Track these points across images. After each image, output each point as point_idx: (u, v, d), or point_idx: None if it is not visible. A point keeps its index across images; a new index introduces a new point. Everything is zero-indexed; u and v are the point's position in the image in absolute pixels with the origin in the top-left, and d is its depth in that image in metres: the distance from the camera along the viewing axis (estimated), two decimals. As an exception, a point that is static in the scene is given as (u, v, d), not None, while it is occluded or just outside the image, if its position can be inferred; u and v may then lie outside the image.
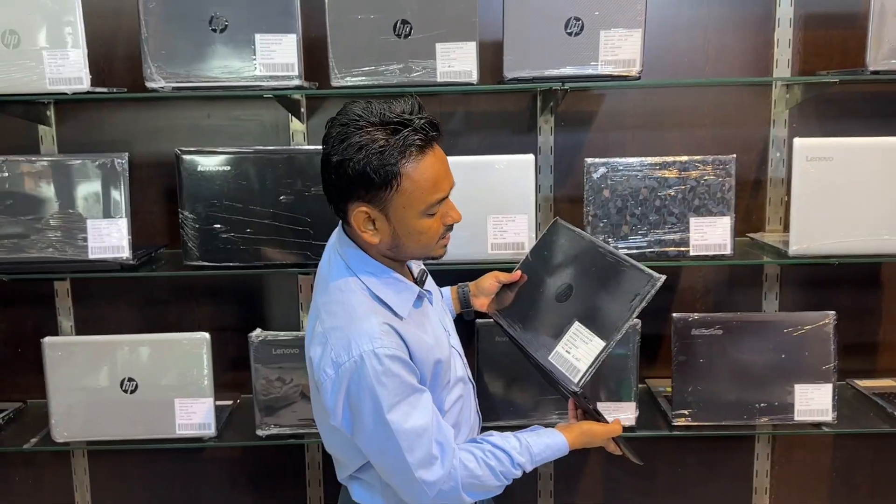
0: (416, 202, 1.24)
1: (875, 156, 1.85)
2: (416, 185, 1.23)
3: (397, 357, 1.23)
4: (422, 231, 1.28)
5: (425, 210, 1.25)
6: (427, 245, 1.31)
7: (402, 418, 1.23)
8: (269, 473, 2.33)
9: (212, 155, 1.87)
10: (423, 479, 1.26)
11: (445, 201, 1.29)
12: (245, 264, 1.91)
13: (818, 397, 1.97)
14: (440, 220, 1.30)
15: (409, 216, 1.25)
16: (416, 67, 1.82)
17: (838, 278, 2.22)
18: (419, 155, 1.22)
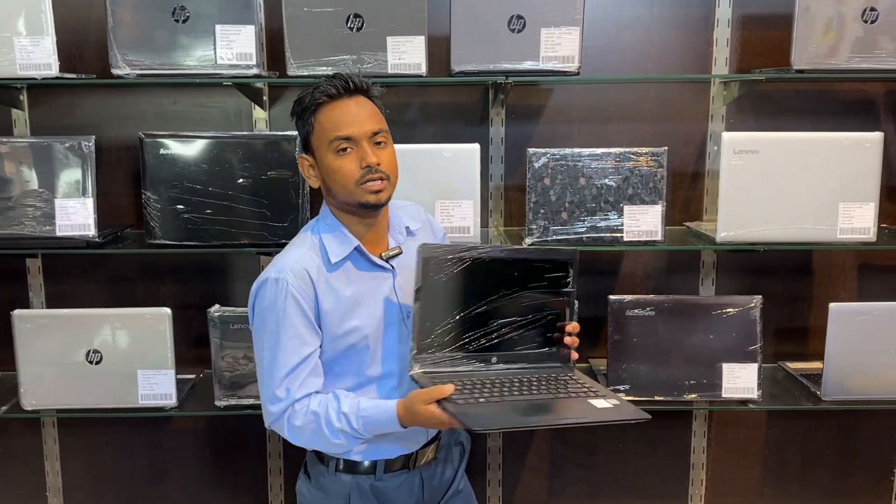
0: (324, 139, 1.47)
1: (798, 150, 1.98)
2: (322, 126, 1.47)
3: (293, 295, 1.45)
4: (335, 169, 1.47)
5: (332, 147, 1.46)
6: (346, 186, 1.47)
7: (272, 351, 1.47)
8: (232, 445, 2.44)
9: (174, 139, 1.98)
10: (267, 409, 1.50)
11: (363, 146, 1.46)
12: (205, 243, 2.02)
13: (744, 376, 2.10)
14: (356, 161, 1.46)
15: (323, 155, 1.48)
16: (368, 59, 1.93)
17: (772, 266, 2.35)
18: (330, 102, 1.47)
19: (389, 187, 1.51)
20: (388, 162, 1.50)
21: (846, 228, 2.00)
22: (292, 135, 1.97)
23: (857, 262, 2.37)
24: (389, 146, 1.53)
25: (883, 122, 2.29)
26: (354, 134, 1.47)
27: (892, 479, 2.49)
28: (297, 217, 2.01)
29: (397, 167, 1.54)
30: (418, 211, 1.73)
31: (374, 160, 1.46)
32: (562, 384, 1.54)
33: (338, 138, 1.46)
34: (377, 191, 1.48)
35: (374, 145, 1.49)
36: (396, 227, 1.62)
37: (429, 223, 1.73)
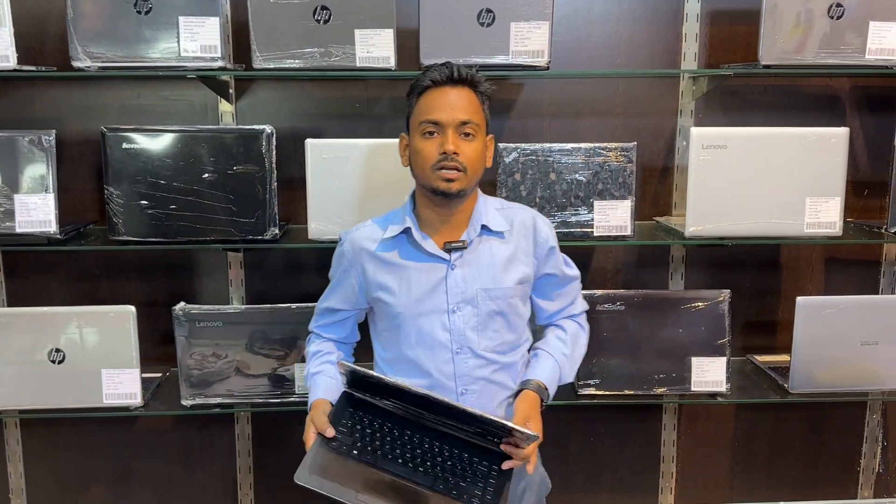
0: (416, 120, 1.53)
1: (766, 145, 1.99)
2: (419, 108, 1.53)
3: (343, 261, 1.64)
4: (418, 150, 1.52)
5: (420, 129, 1.51)
6: (423, 168, 1.52)
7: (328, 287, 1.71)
8: (200, 444, 2.41)
9: (137, 133, 1.94)
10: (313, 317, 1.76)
11: (447, 133, 1.49)
12: (169, 240, 1.98)
13: (713, 369, 2.12)
14: (437, 146, 1.49)
15: (413, 135, 1.55)
16: (335, 52, 1.91)
17: (740, 260, 2.37)
18: (434, 88, 1.52)
19: (465, 179, 1.51)
20: (469, 154, 1.51)
21: (812, 223, 2.02)
22: (259, 129, 1.94)
23: (823, 255, 2.39)
24: (478, 141, 1.53)
25: (849, 117, 2.31)
26: (442, 119, 1.49)
27: (857, 469, 2.52)
28: (265, 213, 1.98)
29: (481, 163, 1.55)
30: (520, 214, 1.65)
31: (452, 148, 1.48)
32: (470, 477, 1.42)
33: (426, 121, 1.51)
34: (449, 179, 1.50)
35: (460, 135, 1.50)
36: (474, 223, 1.59)
37: (532, 228, 1.64)
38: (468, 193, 1.56)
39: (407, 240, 1.59)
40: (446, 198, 1.52)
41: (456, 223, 1.58)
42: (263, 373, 2.07)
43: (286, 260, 2.33)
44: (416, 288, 1.57)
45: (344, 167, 1.97)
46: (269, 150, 1.95)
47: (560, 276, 1.70)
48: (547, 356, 1.66)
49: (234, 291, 2.32)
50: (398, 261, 1.58)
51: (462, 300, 1.56)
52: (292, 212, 2.26)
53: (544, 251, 1.65)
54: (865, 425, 2.50)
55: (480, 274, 1.57)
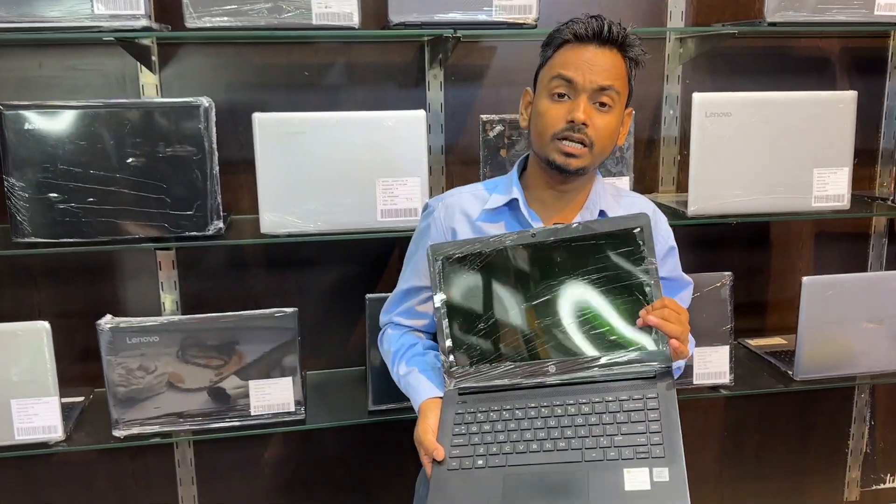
0: (547, 75, 1.29)
1: (773, 111, 1.80)
2: (553, 62, 1.29)
3: (432, 229, 1.39)
4: (541, 113, 1.29)
5: (550, 86, 1.27)
6: (542, 135, 1.28)
7: (404, 268, 1.47)
8: (134, 474, 2.07)
9: (42, 110, 1.57)
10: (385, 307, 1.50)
11: (580, 98, 1.25)
12: (88, 240, 1.63)
13: (716, 360, 1.94)
14: (565, 112, 1.25)
15: (540, 92, 1.30)
16: (287, 7, 1.59)
17: (731, 238, 2.20)
18: (575, 43, 1.27)
19: (589, 157, 1.27)
20: (601, 128, 1.26)
21: (821, 196, 1.85)
22: (195, 102, 1.61)
23: (813, 231, 2.25)
24: (614, 114, 1.28)
25: (838, 80, 2.16)
26: (577, 79, 1.25)
27: (846, 450, 2.42)
28: (206, 203, 1.65)
29: (612, 140, 1.30)
30: (638, 204, 1.41)
31: (582, 117, 1.24)
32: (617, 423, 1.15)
33: (559, 76, 1.26)
34: (570, 154, 1.26)
35: (595, 104, 1.26)
36: (591, 206, 1.36)
37: (653, 222, 1.29)
38: (589, 172, 1.31)
39: (510, 213, 1.36)
40: (562, 174, 1.29)
41: (569, 203, 1.36)
42: (206, 388, 1.74)
43: (228, 258, 2.00)
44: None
45: (300, 146, 1.66)
46: (209, 126, 1.62)
47: (677, 280, 1.48)
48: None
49: (166, 296, 1.98)
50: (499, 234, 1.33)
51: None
52: (231, 201, 1.93)
53: (663, 250, 1.41)
54: (854, 406, 2.39)
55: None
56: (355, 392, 1.94)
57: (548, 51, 1.32)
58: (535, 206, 1.36)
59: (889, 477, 2.48)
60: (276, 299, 2.02)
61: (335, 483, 2.16)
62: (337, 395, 1.94)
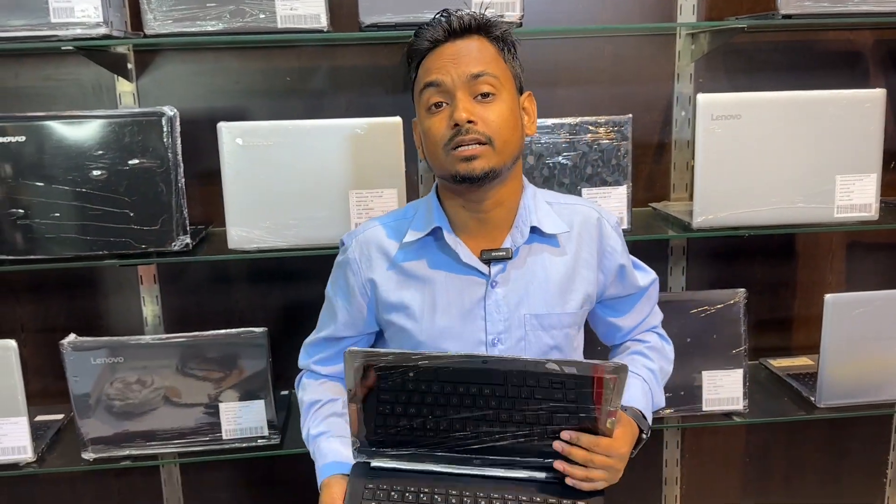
0: (416, 92, 1.17)
1: (789, 112, 1.63)
2: (419, 77, 1.16)
3: (348, 272, 1.25)
4: (427, 131, 1.15)
5: (423, 101, 1.14)
6: (435, 154, 1.14)
7: (323, 307, 1.34)
8: (118, 494, 2.01)
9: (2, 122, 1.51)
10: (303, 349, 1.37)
11: (456, 97, 1.11)
12: (50, 257, 1.56)
13: (728, 384, 1.78)
14: (446, 119, 1.12)
15: (418, 113, 1.18)
16: (250, 10, 1.50)
17: (750, 250, 2.03)
18: (432, 49, 1.14)
19: (492, 154, 1.11)
20: (491, 120, 1.11)
21: (844, 206, 1.67)
22: (157, 111, 1.53)
23: (845, 241, 2.06)
24: (501, 100, 1.13)
25: (872, 77, 1.97)
26: (444, 79, 1.11)
27: (884, 481, 2.21)
28: (171, 217, 1.57)
29: (514, 131, 1.14)
30: (582, 213, 1.25)
31: (464, 115, 1.09)
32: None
33: (426, 86, 1.13)
34: (469, 157, 1.10)
35: (475, 97, 1.11)
36: (521, 223, 1.20)
37: (597, 235, 1.25)
38: (503, 175, 1.14)
39: (435, 245, 1.21)
40: (473, 183, 1.12)
41: (495, 224, 1.19)
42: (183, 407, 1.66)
43: (209, 272, 1.93)
44: (444, 310, 1.19)
45: (269, 156, 1.56)
46: (173, 137, 1.54)
47: (634, 294, 1.33)
48: (634, 377, 1.27)
49: (148, 311, 1.91)
50: (424, 273, 1.20)
51: (504, 330, 1.19)
52: (211, 213, 1.86)
53: (612, 267, 1.26)
54: (893, 431, 2.18)
55: (529, 295, 1.19)
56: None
57: (412, 71, 1.18)
58: (460, 234, 1.20)
59: (934, 509, 2.27)
60: (260, 313, 1.94)
61: None
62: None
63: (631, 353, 1.35)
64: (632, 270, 1.31)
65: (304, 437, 1.28)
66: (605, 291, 1.29)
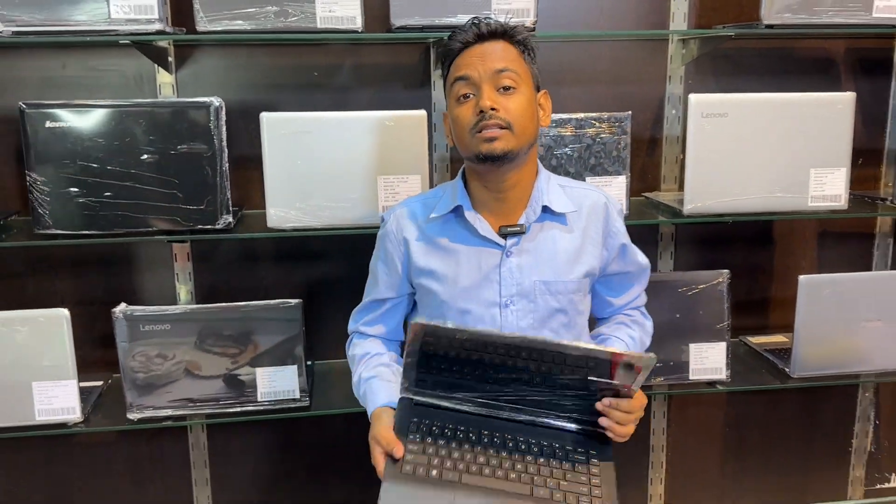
0: (448, 85, 1.35)
1: (770, 112, 1.83)
2: (451, 73, 1.35)
3: (387, 242, 1.45)
4: (456, 118, 1.33)
5: (453, 92, 1.33)
6: (462, 136, 1.33)
7: (368, 278, 1.53)
8: (150, 457, 2.16)
9: (62, 109, 1.66)
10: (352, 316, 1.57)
11: (482, 89, 1.30)
12: (104, 232, 1.72)
13: (712, 356, 1.97)
14: (473, 107, 1.30)
15: (449, 103, 1.36)
16: (293, 11, 1.66)
17: (732, 236, 2.23)
18: (464, 50, 1.33)
19: (511, 138, 1.29)
20: (512, 109, 1.29)
21: (818, 196, 1.88)
22: (206, 101, 1.69)
23: (817, 230, 2.27)
24: (521, 94, 1.31)
25: (844, 81, 2.18)
26: (473, 74, 1.30)
27: (849, 449, 2.43)
28: (216, 198, 1.73)
29: (531, 120, 1.33)
30: (589, 196, 1.43)
31: (488, 103, 1.27)
32: (564, 471, 1.21)
33: (458, 80, 1.32)
34: (490, 138, 1.28)
35: (498, 90, 1.30)
36: (535, 203, 1.39)
37: (603, 216, 1.43)
38: (520, 158, 1.33)
39: (457, 221, 1.40)
40: (493, 163, 1.31)
41: (513, 203, 1.38)
42: (217, 375, 1.83)
43: (240, 250, 2.08)
44: (465, 275, 1.38)
45: (306, 144, 1.73)
46: (219, 125, 1.70)
47: (631, 272, 1.52)
48: (617, 340, 1.48)
49: (182, 287, 2.07)
50: (447, 244, 1.40)
51: (517, 293, 1.38)
52: (244, 196, 2.01)
53: (615, 245, 1.46)
54: (858, 404, 2.40)
55: (539, 264, 1.38)
56: (360, 382, 2.01)
57: (444, 70, 1.38)
58: (480, 211, 1.39)
59: (893, 476, 2.49)
60: (286, 291, 2.09)
61: (342, 467, 2.23)
62: (343, 384, 2.01)
63: (617, 323, 1.55)
64: (633, 249, 1.50)
65: (355, 383, 1.47)
66: (607, 267, 1.47)
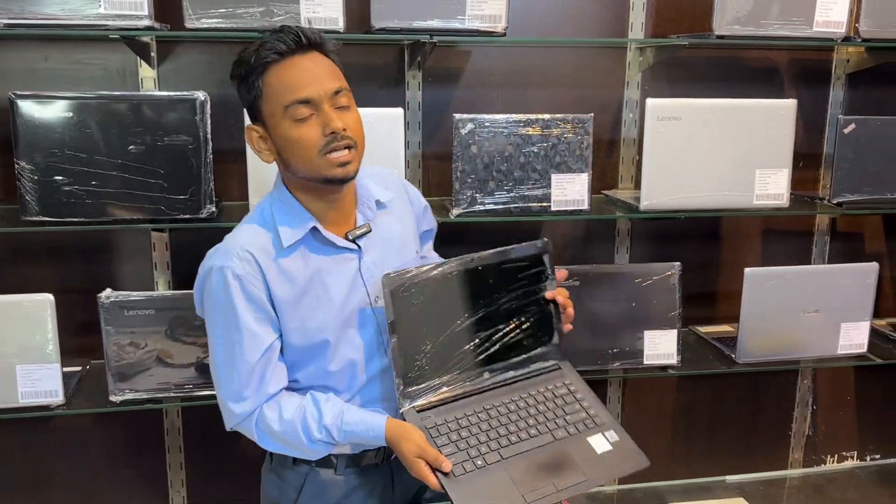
0: (278, 105, 1.27)
1: (719, 116, 1.98)
2: (274, 89, 1.27)
3: (240, 287, 1.29)
4: (294, 140, 1.27)
5: (288, 114, 1.26)
6: (308, 158, 1.27)
7: (226, 348, 1.31)
8: (126, 441, 2.21)
9: (51, 101, 1.71)
10: (229, 408, 1.33)
11: (324, 109, 1.27)
12: (90, 219, 1.78)
13: (664, 342, 2.12)
14: (319, 128, 1.27)
15: (278, 123, 1.28)
16: (278, 11, 1.75)
17: (684, 232, 2.38)
18: (281, 60, 1.27)
19: (357, 157, 1.31)
20: (354, 126, 1.31)
21: (762, 195, 2.04)
22: (191, 95, 1.76)
23: (761, 227, 2.44)
24: (354, 109, 1.33)
25: (786, 89, 2.35)
26: (314, 95, 1.26)
27: (789, 433, 2.61)
28: (199, 189, 1.80)
29: (364, 132, 1.34)
30: (391, 178, 1.52)
31: (340, 125, 1.26)
32: (559, 406, 1.41)
33: (295, 102, 1.25)
34: (344, 163, 1.28)
35: (336, 108, 1.29)
36: (365, 202, 1.42)
37: (404, 191, 1.53)
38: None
39: (304, 241, 1.34)
40: (342, 184, 1.31)
41: (346, 208, 1.39)
42: (192, 362, 1.90)
43: (218, 239, 2.14)
44: (335, 290, 1.35)
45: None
46: (203, 118, 1.78)
47: (434, 225, 1.65)
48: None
49: (160, 275, 2.13)
50: (307, 266, 1.33)
51: (379, 289, 1.36)
52: (224, 188, 2.08)
53: (420, 207, 1.57)
54: (797, 390, 2.58)
55: (386, 254, 1.41)
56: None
57: (253, 80, 1.28)
58: (322, 224, 1.35)
59: (829, 458, 2.68)
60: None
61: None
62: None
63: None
64: (429, 206, 1.61)
65: (319, 438, 1.32)
66: (419, 227, 1.57)
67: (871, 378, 2.62)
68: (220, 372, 1.33)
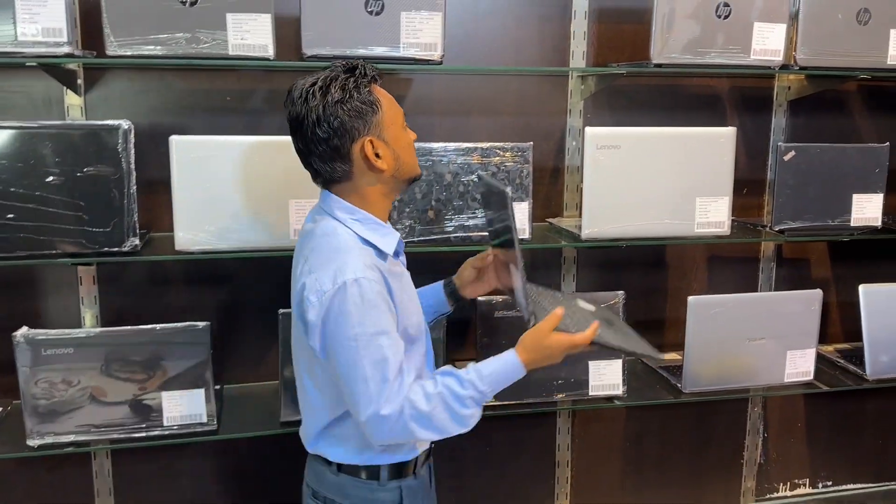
0: (396, 116, 1.41)
1: (659, 144, 1.97)
2: (388, 104, 1.41)
3: (380, 292, 1.33)
4: (409, 143, 1.44)
5: (400, 122, 1.43)
6: (412, 158, 1.45)
7: (372, 356, 1.30)
8: (51, 486, 2.10)
9: (-37, 129, 1.64)
10: (380, 416, 1.31)
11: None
12: (7, 255, 1.69)
13: (609, 373, 2.08)
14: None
15: (398, 132, 1.41)
16: (204, 38, 1.69)
17: (630, 259, 2.36)
18: (374, 83, 1.41)
19: None
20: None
21: (703, 223, 2.02)
22: (114, 124, 1.69)
23: (706, 254, 2.43)
24: None
25: (728, 116, 2.36)
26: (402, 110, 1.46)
27: (741, 461, 2.59)
28: (122, 220, 1.73)
29: None
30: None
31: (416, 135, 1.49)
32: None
33: (403, 113, 1.44)
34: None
35: None
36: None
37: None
38: None
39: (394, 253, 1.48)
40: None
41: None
42: (123, 401, 1.81)
43: (148, 273, 2.07)
44: (409, 286, 1.51)
45: (215, 168, 1.76)
46: (127, 148, 1.71)
47: None
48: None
49: (87, 310, 2.04)
50: (395, 271, 1.45)
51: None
52: (153, 219, 2.01)
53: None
54: (748, 419, 2.57)
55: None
56: (270, 404, 2.01)
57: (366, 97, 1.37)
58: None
59: (782, 486, 2.66)
60: (195, 314, 2.07)
61: (250, 493, 2.22)
62: (251, 408, 2.02)
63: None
64: None
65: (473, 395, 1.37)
66: None
67: (821, 404, 2.62)
68: (369, 384, 1.31)
